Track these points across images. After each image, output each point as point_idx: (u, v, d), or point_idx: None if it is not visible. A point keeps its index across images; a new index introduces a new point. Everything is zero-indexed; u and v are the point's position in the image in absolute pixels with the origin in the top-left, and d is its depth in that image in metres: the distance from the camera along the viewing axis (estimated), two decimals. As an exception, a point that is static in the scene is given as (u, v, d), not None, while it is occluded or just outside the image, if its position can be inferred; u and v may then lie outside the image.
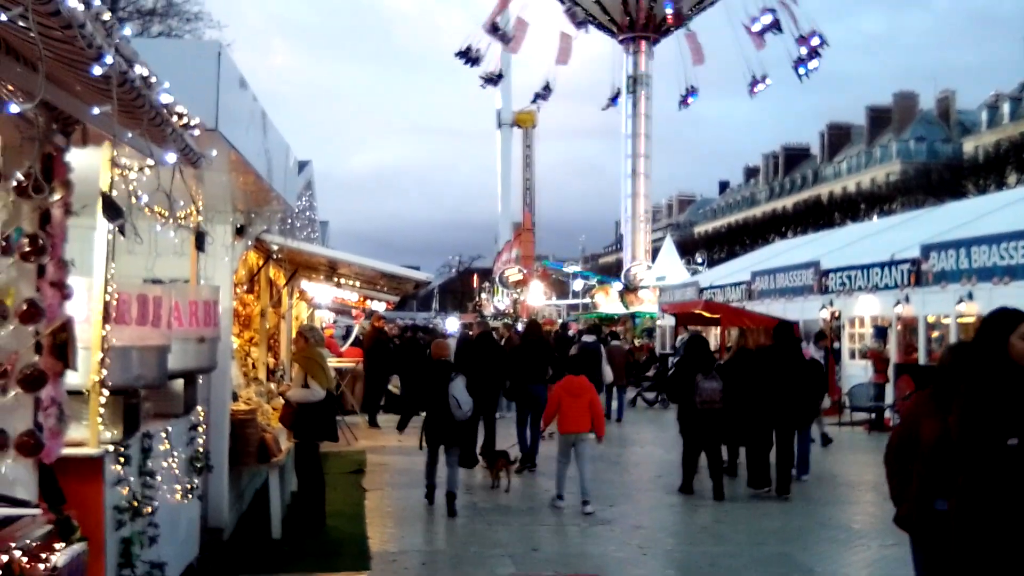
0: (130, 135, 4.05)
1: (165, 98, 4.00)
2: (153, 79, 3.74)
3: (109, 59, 2.96)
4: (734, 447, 14.22)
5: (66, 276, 4.53)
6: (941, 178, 59.36)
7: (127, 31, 3.59)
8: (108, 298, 5.55)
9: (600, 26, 54.57)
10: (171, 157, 4.42)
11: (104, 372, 5.43)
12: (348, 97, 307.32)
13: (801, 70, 50.36)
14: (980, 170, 57.34)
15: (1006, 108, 77.63)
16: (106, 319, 5.51)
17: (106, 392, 5.43)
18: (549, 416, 12.01)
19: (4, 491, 4.02)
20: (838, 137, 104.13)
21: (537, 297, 57.80)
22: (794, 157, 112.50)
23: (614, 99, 56.23)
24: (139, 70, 3.45)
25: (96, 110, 3.49)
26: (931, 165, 71.81)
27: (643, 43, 53.15)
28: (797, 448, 13.51)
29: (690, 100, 54.86)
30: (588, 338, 20.46)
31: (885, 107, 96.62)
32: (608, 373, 19.94)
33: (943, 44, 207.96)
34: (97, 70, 2.96)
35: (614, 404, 22.30)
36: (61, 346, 4.29)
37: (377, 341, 20.91)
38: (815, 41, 49.53)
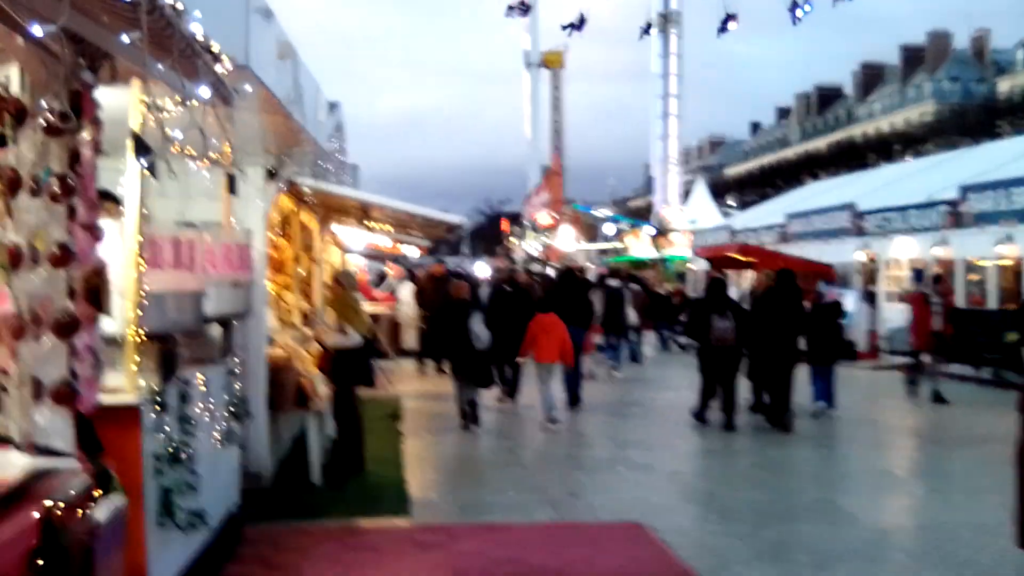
0: (161, 68, 3.84)
1: (195, 28, 3.80)
2: (181, 6, 3.54)
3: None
4: (758, 386, 14.26)
5: (98, 217, 4.37)
6: (976, 118, 58.22)
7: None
8: (141, 241, 5.39)
9: None
10: (204, 91, 4.22)
11: (139, 317, 5.29)
12: (374, 40, 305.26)
13: None
14: (1016, 110, 56.17)
15: (1043, 46, 76.01)
16: (140, 263, 5.36)
17: (142, 338, 5.29)
18: (526, 348, 13.66)
19: (41, 442, 3.90)
20: (872, 77, 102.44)
21: (567, 241, 57.44)
22: (827, 97, 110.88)
23: (647, 29, 54.82)
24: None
25: (126, 38, 3.28)
26: (966, 105, 70.46)
27: None
28: (817, 385, 14.48)
29: (730, 26, 53.28)
30: (612, 282, 20.80)
31: (919, 46, 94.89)
32: (632, 315, 20.69)
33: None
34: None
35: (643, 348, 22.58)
36: (94, 291, 4.14)
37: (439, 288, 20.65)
38: None
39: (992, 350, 18.09)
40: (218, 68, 4.44)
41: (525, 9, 56.39)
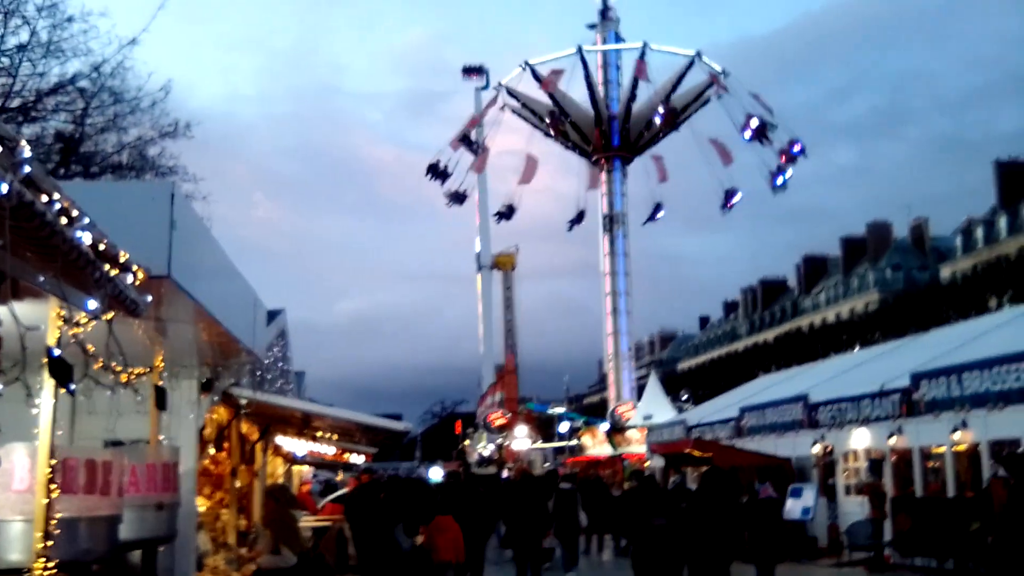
0: (42, 278, 3.59)
1: (89, 237, 3.56)
2: (76, 215, 3.31)
3: (4, 187, 2.53)
4: None
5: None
6: (921, 306, 59.52)
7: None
8: (53, 465, 5.05)
9: (573, 146, 55.31)
10: (92, 304, 3.96)
11: (48, 547, 4.89)
12: (331, 247, 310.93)
13: (780, 179, 50.44)
14: (959, 295, 57.55)
15: (979, 233, 78.73)
16: (50, 489, 5.00)
17: (50, 569, 4.89)
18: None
19: None
20: (814, 269, 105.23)
21: (522, 441, 56.83)
22: (772, 290, 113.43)
23: (578, 219, 55.97)
24: (58, 204, 3.02)
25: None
26: (910, 293, 72.21)
27: (616, 160, 54.03)
28: None
29: (658, 216, 54.80)
30: (564, 484, 20.73)
31: (859, 237, 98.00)
32: (583, 517, 20.55)
33: (915, 172, 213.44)
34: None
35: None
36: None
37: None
38: (796, 148, 49.57)
39: (954, 540, 17.67)
40: (128, 278, 4.20)
41: (463, 197, 57.12)
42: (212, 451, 10.97)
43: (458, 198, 55.96)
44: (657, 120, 51.00)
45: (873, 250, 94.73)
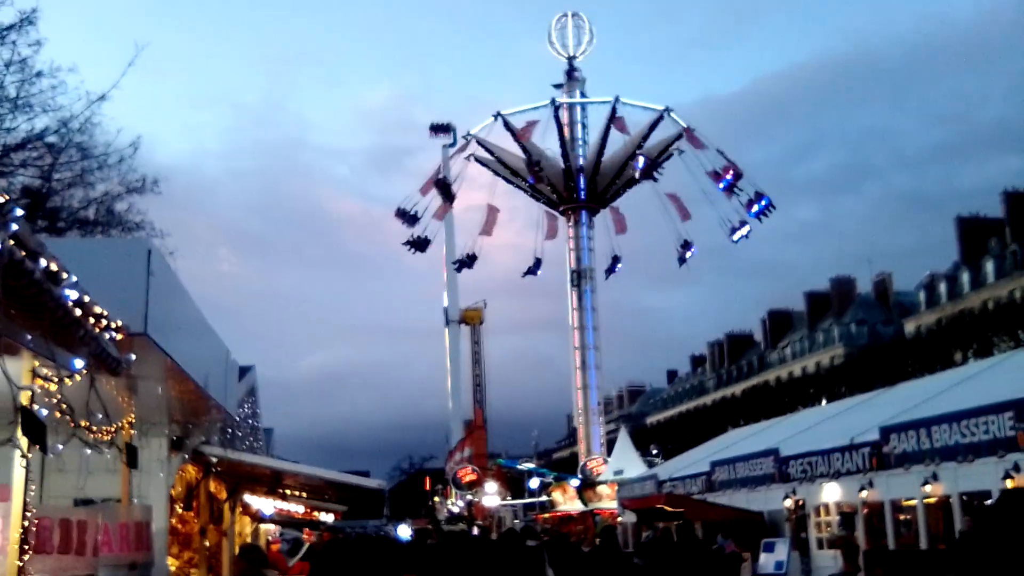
0: (30, 337, 3.54)
1: (75, 295, 3.52)
2: (62, 273, 3.28)
3: (-3, 247, 2.50)
4: None
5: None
6: (887, 359, 60.07)
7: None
8: (27, 525, 4.94)
9: (540, 196, 55.74)
10: (79, 363, 3.91)
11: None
12: (296, 302, 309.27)
13: (740, 233, 50.93)
14: (925, 349, 58.14)
15: (943, 287, 79.71)
16: (23, 549, 4.88)
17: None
18: None
19: None
20: (779, 323, 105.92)
21: (492, 498, 56.38)
22: (738, 344, 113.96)
23: (535, 268, 56.15)
24: (44, 262, 2.99)
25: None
26: (875, 347, 72.86)
27: (583, 212, 54.50)
28: None
29: (616, 268, 55.30)
30: (530, 541, 20.39)
31: (823, 292, 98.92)
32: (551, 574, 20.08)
33: (877, 228, 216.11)
34: (-24, 257, 2.50)
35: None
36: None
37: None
38: (762, 203, 50.08)
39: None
40: (107, 336, 4.16)
41: (425, 243, 56.89)
42: (180, 510, 10.80)
43: (420, 244, 55.75)
44: (636, 174, 51.56)
45: (837, 305, 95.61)
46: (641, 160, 51.11)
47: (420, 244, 55.51)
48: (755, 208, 49.98)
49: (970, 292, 75.49)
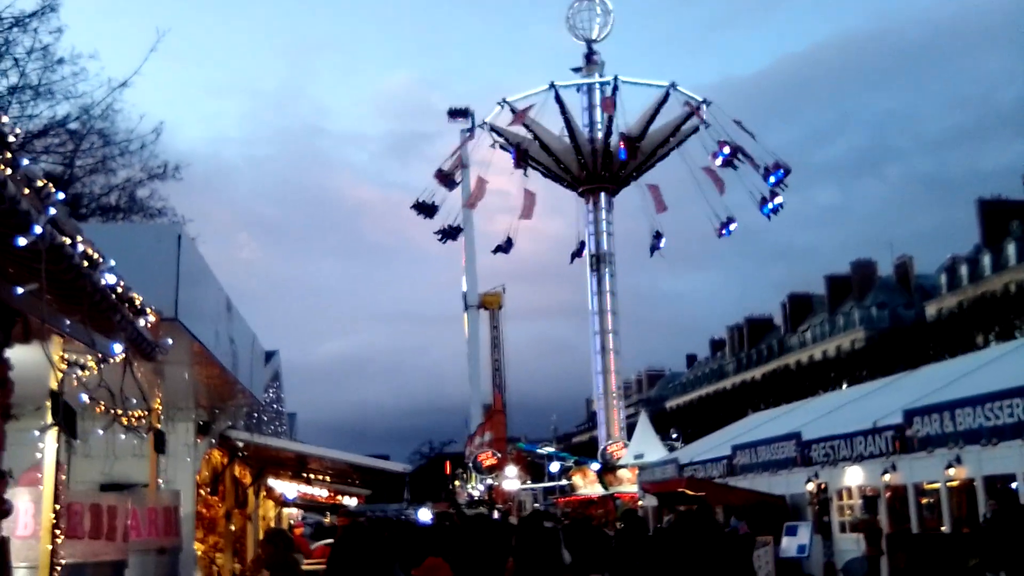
0: (68, 323, 3.54)
1: (112, 279, 3.52)
2: (98, 258, 3.28)
3: (38, 229, 2.50)
4: None
5: (4, 489, 3.96)
6: (909, 343, 59.78)
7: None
8: (57, 510, 4.95)
9: (557, 179, 55.65)
10: (118, 348, 3.92)
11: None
12: (315, 288, 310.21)
13: (770, 204, 50.64)
14: (946, 332, 57.81)
15: (964, 270, 79.20)
16: (55, 534, 4.90)
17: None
18: None
19: None
20: (800, 307, 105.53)
21: (513, 482, 56.49)
22: (758, 328, 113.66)
23: (579, 251, 56.25)
24: (81, 247, 2.99)
25: (20, 289, 2.99)
26: (896, 330, 72.50)
27: (602, 195, 54.35)
28: None
29: (660, 245, 55.20)
30: (547, 523, 20.57)
31: (844, 275, 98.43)
32: (567, 555, 20.27)
33: (898, 211, 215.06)
34: (22, 241, 2.49)
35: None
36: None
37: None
38: (780, 172, 49.74)
39: (953, 578, 17.59)
40: (140, 321, 4.16)
41: (456, 231, 56.78)
42: (205, 494, 10.85)
43: (451, 233, 55.97)
44: (622, 156, 51.35)
45: (858, 288, 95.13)
46: (622, 146, 51.02)
47: (452, 233, 55.88)
48: (772, 179, 49.69)
49: (991, 275, 74.95)
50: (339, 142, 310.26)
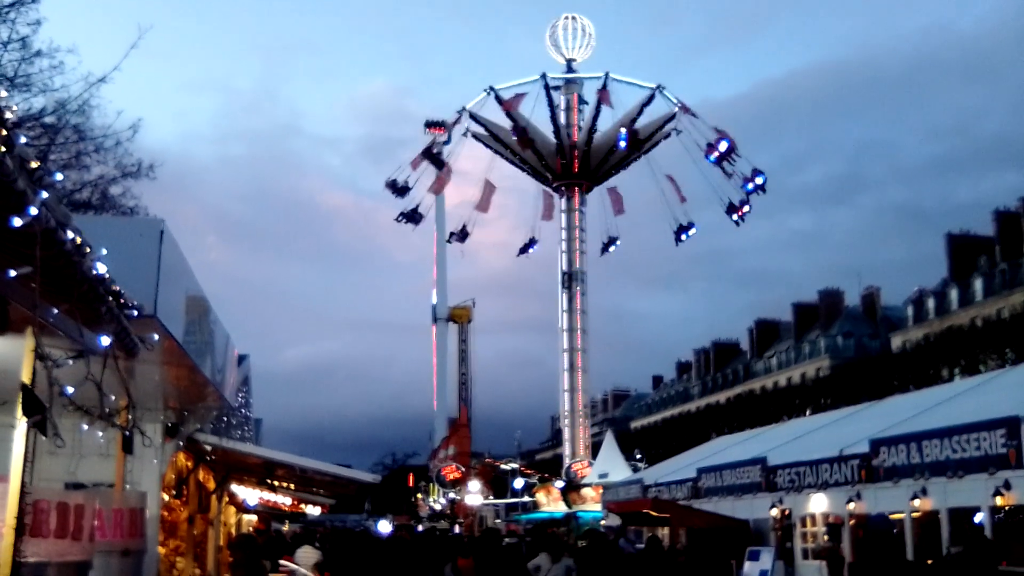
0: (56, 312, 3.42)
1: (103, 269, 3.40)
2: (87, 247, 3.16)
3: (33, 210, 2.39)
4: None
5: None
6: (874, 373, 60.21)
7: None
8: (24, 506, 4.81)
9: (533, 172, 55.79)
10: (105, 340, 3.79)
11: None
12: (283, 292, 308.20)
13: (741, 210, 50.98)
14: (912, 364, 58.29)
15: (931, 303, 79.90)
16: (20, 531, 4.75)
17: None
18: None
19: None
20: (766, 333, 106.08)
21: (475, 496, 56.27)
22: (725, 352, 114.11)
23: (529, 245, 56.45)
24: (71, 235, 2.88)
25: (13, 272, 2.87)
26: (862, 360, 72.98)
27: (576, 190, 54.59)
28: None
29: (611, 248, 55.46)
30: (510, 540, 20.64)
31: (811, 303, 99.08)
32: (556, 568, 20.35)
33: (869, 240, 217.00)
34: (17, 221, 2.38)
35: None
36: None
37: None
38: (759, 180, 50.06)
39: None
40: (125, 315, 4.03)
41: (418, 216, 56.60)
42: (168, 497, 10.67)
43: (412, 217, 55.51)
44: (622, 143, 51.60)
45: (825, 317, 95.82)
46: (624, 131, 51.32)
47: (413, 217, 55.19)
48: (751, 185, 50.05)
49: (958, 309, 75.67)
50: (313, 144, 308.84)
